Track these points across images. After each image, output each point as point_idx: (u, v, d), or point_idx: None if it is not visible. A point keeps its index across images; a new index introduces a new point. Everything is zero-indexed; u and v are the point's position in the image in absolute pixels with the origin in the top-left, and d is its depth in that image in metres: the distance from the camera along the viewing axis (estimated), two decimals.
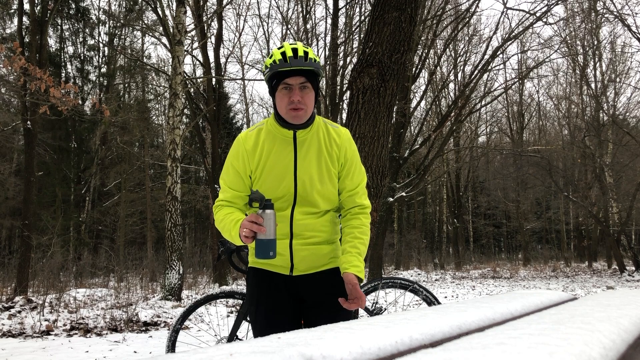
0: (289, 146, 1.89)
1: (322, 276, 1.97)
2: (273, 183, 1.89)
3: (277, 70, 1.79)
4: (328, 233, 1.97)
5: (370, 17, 4.02)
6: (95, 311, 7.08)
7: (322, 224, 1.95)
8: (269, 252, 1.73)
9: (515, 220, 27.04)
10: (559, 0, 14.01)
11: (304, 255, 1.93)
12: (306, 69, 1.79)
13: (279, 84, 1.82)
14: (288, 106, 1.81)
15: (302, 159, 1.89)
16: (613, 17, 15.97)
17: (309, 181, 1.89)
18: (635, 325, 1.01)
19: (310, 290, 1.96)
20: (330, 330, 0.88)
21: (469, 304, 1.29)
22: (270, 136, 1.91)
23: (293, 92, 1.80)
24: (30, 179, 10.39)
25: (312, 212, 1.92)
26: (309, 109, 1.84)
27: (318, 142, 1.91)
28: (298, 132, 1.88)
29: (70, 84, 7.69)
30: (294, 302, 1.98)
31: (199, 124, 17.01)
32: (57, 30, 21.80)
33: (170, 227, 8.92)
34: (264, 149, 1.90)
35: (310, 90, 1.84)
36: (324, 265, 1.98)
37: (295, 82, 1.80)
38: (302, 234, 1.92)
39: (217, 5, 15.38)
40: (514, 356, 0.63)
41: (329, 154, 1.91)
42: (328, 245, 1.98)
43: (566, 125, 23.86)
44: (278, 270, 1.96)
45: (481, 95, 17.93)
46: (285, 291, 1.96)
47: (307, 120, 1.87)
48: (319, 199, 1.91)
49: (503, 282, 14.16)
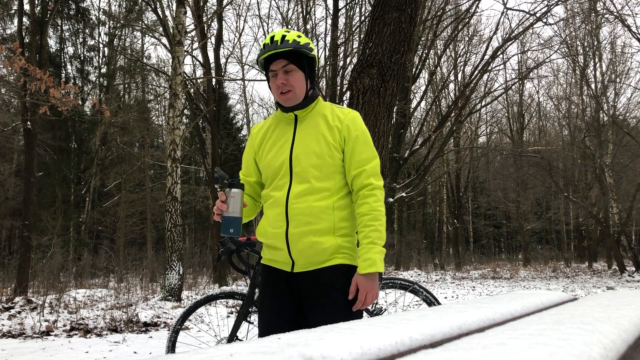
0: (290, 125, 1.93)
1: (324, 273, 1.84)
2: (272, 159, 1.91)
3: (260, 59, 1.88)
4: (329, 222, 1.82)
5: (370, 17, 4.02)
6: (95, 312, 7.08)
7: (321, 209, 1.82)
8: (229, 229, 1.81)
9: (515, 220, 27.03)
10: (559, 1, 14.01)
11: (301, 249, 1.82)
12: (284, 50, 1.82)
13: (268, 73, 1.89)
14: (277, 91, 1.87)
15: (300, 134, 1.90)
16: (613, 17, 15.98)
17: (304, 154, 1.85)
18: (636, 326, 1.01)
19: (309, 290, 1.86)
20: (330, 330, 0.88)
21: (469, 305, 1.29)
22: (276, 120, 1.98)
23: (278, 77, 1.85)
24: (30, 179, 10.39)
25: (309, 192, 1.83)
26: (297, 89, 1.86)
27: (320, 118, 1.91)
28: (298, 113, 1.92)
29: (70, 85, 7.69)
30: (295, 302, 1.90)
31: (199, 124, 17.01)
32: (57, 31, 21.81)
33: (170, 227, 8.92)
34: (268, 130, 1.98)
35: (296, 72, 1.86)
36: (326, 262, 1.85)
37: (277, 67, 1.85)
38: (298, 219, 1.82)
39: (217, 6, 15.38)
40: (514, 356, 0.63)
41: (329, 128, 1.88)
42: (330, 237, 1.83)
43: (566, 125, 23.86)
44: (281, 267, 1.91)
45: (481, 96, 17.92)
46: (285, 291, 1.90)
47: (302, 101, 1.90)
48: (316, 173, 1.83)
49: (503, 283, 14.15)
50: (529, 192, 25.24)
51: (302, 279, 1.88)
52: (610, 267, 19.85)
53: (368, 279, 1.79)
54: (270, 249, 1.94)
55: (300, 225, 1.82)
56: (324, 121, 1.89)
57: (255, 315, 3.47)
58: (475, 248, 30.57)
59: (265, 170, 1.94)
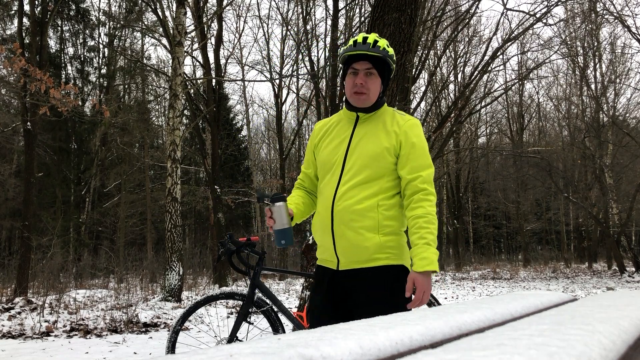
0: (350, 125, 1.97)
1: (368, 273, 1.85)
2: (328, 155, 1.96)
3: (346, 55, 1.90)
4: (373, 220, 1.84)
5: (370, 18, 4.02)
6: (95, 312, 7.08)
7: (366, 207, 1.84)
8: (281, 241, 1.87)
9: (515, 221, 27.03)
10: (559, 1, 14.01)
11: (345, 246, 1.85)
12: (373, 55, 1.87)
13: (347, 69, 1.93)
14: (352, 89, 1.91)
15: (358, 134, 1.94)
16: (613, 18, 15.99)
17: (358, 153, 1.90)
18: (636, 327, 1.01)
19: (354, 288, 1.88)
20: (330, 331, 0.88)
21: (469, 305, 1.29)
22: (339, 117, 2.03)
23: (358, 76, 1.89)
24: (30, 180, 10.39)
25: (355, 191, 1.85)
26: (372, 93, 1.91)
27: (379, 121, 1.96)
28: (361, 115, 1.95)
29: (71, 85, 7.69)
30: (341, 301, 1.92)
31: (199, 125, 17.01)
32: (57, 32, 21.81)
33: (170, 228, 8.92)
34: (331, 127, 2.02)
35: (375, 77, 1.91)
36: (369, 261, 1.85)
37: (361, 67, 1.89)
38: (342, 216, 1.84)
39: (217, 7, 15.39)
40: (514, 357, 0.63)
41: (387, 132, 1.91)
42: (374, 234, 1.83)
43: (566, 126, 23.87)
44: (328, 265, 1.95)
45: (481, 96, 17.93)
46: (331, 289, 1.93)
47: (371, 105, 1.94)
48: (365, 173, 1.87)
49: (503, 283, 14.15)
50: (529, 193, 25.24)
51: (347, 277, 1.90)
52: (610, 267, 19.85)
53: (425, 277, 1.79)
54: (321, 248, 1.99)
55: (344, 222, 1.85)
56: (383, 125, 1.94)
57: (255, 316, 3.47)
58: (475, 248, 30.56)
59: (320, 165, 2.00)
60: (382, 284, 1.85)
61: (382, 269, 1.85)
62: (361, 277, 1.86)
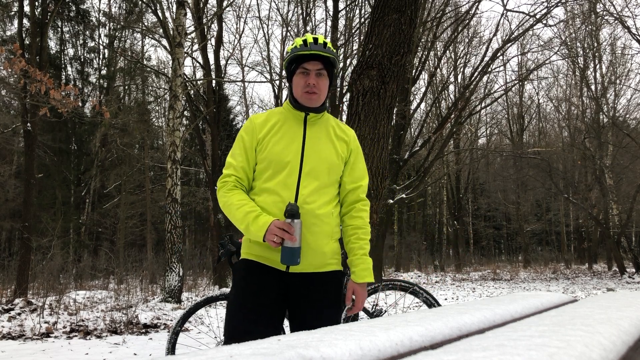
0: (299, 124, 1.95)
1: (321, 277, 1.88)
2: (280, 152, 1.88)
3: (297, 54, 1.89)
4: (330, 226, 1.88)
5: (370, 19, 4.02)
6: (95, 313, 7.07)
7: (325, 213, 1.86)
8: (296, 259, 1.77)
9: (516, 222, 27.02)
10: (559, 2, 14.02)
11: (303, 250, 1.80)
12: (324, 55, 1.88)
13: (297, 69, 1.92)
14: (304, 89, 1.90)
15: (311, 136, 1.93)
16: (613, 19, 16.00)
17: (315, 156, 1.89)
18: (636, 327, 1.01)
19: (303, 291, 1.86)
20: (330, 332, 0.88)
21: (469, 306, 1.29)
22: (283, 115, 1.98)
23: (309, 76, 1.89)
24: (30, 181, 10.39)
25: (317, 195, 1.85)
26: (322, 94, 1.93)
27: (328, 127, 1.98)
28: (309, 115, 1.95)
29: (71, 86, 7.69)
30: (281, 303, 1.87)
31: (199, 126, 17.02)
32: (58, 33, 21.82)
33: (170, 229, 8.92)
34: (274, 123, 1.96)
35: (325, 78, 1.93)
36: (324, 266, 1.89)
37: (313, 67, 1.90)
38: (305, 220, 1.80)
39: (217, 8, 15.40)
40: (514, 358, 0.63)
41: (338, 138, 1.96)
42: (330, 240, 1.89)
43: (566, 127, 23.86)
44: (274, 265, 1.86)
45: (481, 97, 17.94)
46: (275, 293, 1.85)
47: (320, 106, 1.95)
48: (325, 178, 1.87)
49: (503, 284, 14.14)
50: (529, 194, 25.23)
51: (297, 279, 1.87)
52: (611, 268, 19.85)
53: (363, 287, 1.93)
54: (262, 246, 1.87)
55: (306, 226, 1.82)
56: (333, 130, 1.97)
57: None
58: (475, 249, 30.55)
59: (266, 162, 1.89)
60: (333, 288, 1.92)
61: (332, 274, 1.93)
62: (316, 281, 1.88)
